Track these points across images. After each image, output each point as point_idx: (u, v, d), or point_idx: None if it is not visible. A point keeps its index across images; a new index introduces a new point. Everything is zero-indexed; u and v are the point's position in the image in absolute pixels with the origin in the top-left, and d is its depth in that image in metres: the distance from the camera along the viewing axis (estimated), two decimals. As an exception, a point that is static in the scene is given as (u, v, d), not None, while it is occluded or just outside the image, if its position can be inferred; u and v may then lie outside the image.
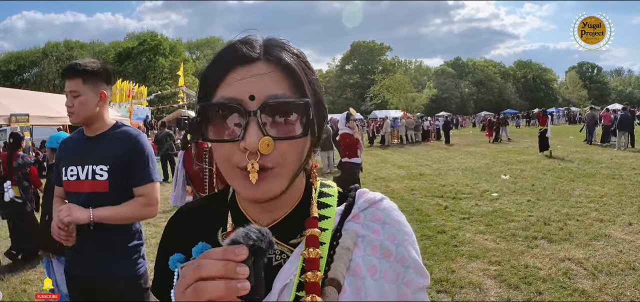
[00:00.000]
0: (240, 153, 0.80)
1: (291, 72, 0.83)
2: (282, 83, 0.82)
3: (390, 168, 17.67)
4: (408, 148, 27.88)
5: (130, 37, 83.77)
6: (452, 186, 12.28)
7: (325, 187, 1.02)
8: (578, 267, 5.70)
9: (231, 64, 0.83)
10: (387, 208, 0.97)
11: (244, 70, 0.81)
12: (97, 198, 2.55)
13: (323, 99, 0.92)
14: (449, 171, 15.60)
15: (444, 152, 23.47)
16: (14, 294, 6.00)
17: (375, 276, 0.88)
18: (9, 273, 6.84)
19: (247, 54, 0.82)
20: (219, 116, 0.81)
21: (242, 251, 0.67)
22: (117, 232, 2.63)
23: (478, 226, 7.91)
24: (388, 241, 0.92)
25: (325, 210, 0.95)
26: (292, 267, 0.88)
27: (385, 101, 78.94)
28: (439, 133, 34.19)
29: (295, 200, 0.96)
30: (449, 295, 5.11)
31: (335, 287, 0.85)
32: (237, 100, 0.79)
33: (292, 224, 0.93)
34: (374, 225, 0.93)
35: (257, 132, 0.77)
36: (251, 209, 0.95)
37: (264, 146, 0.77)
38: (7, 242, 8.72)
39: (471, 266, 5.92)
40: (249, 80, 0.80)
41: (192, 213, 1.07)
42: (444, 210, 9.41)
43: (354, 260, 0.88)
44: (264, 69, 0.82)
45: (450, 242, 7.01)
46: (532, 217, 8.26)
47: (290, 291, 0.85)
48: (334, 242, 0.90)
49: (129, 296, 2.64)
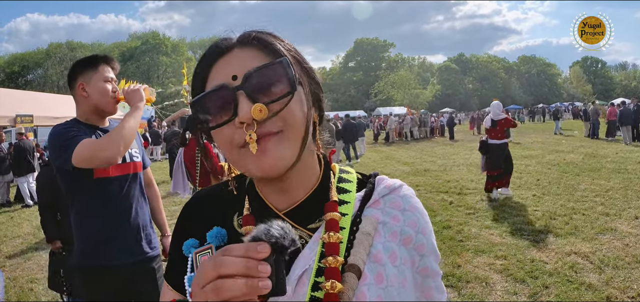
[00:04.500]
0: (240, 131, 0.81)
1: (266, 44, 0.86)
2: (260, 57, 0.85)
3: (394, 164, 17.67)
4: (412, 144, 27.84)
5: (133, 37, 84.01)
6: (457, 182, 12.27)
7: (345, 173, 1.02)
8: (584, 261, 5.68)
9: (213, 59, 0.87)
10: (407, 195, 0.97)
11: (224, 60, 0.86)
12: (139, 177, 2.77)
13: (312, 69, 0.94)
14: (453, 167, 15.59)
15: (448, 148, 23.44)
16: (20, 293, 6.03)
17: (396, 263, 0.88)
18: (16, 272, 6.87)
19: (223, 45, 0.88)
20: (212, 106, 0.83)
21: (264, 248, 0.66)
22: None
23: (484, 221, 7.90)
24: (408, 228, 0.92)
25: (345, 195, 0.94)
26: (311, 252, 0.87)
27: (390, 98, 78.83)
28: (443, 129, 34.12)
29: (312, 184, 0.95)
30: (455, 290, 5.10)
31: (355, 273, 0.83)
32: (222, 84, 0.82)
33: (310, 208, 0.92)
34: (394, 211, 0.93)
35: (247, 103, 0.79)
36: (269, 192, 0.95)
37: (257, 112, 0.78)
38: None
39: (477, 261, 5.91)
40: (229, 65, 0.85)
41: (208, 198, 1.06)
42: (450, 205, 9.41)
43: (375, 246, 0.88)
44: (241, 53, 0.86)
45: (456, 237, 7.00)
46: (537, 212, 8.25)
47: (309, 276, 0.84)
48: (353, 228, 0.89)
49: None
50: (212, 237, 0.92)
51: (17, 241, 8.88)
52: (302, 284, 0.84)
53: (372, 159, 20.51)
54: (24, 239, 9.00)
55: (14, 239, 9.04)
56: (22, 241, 8.86)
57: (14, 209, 12.75)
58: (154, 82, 59.40)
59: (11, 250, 8.14)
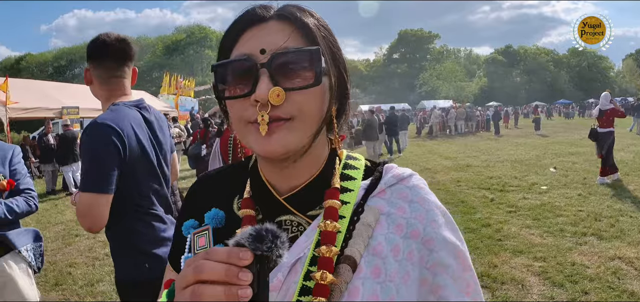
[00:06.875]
0: (252, 107, 0.79)
1: (304, 26, 0.83)
2: (295, 37, 0.82)
3: (436, 159, 17.40)
4: (456, 139, 27.42)
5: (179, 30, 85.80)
6: (500, 178, 12.00)
7: (352, 159, 0.97)
8: (628, 267, 5.42)
9: (245, 25, 0.84)
10: (416, 186, 0.91)
11: (257, 29, 0.83)
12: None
13: (343, 62, 0.91)
14: (497, 163, 15.23)
15: (492, 143, 22.97)
16: (59, 276, 6.28)
17: (398, 257, 0.82)
18: (56, 257, 7.15)
19: (259, 14, 0.84)
20: (232, 74, 0.82)
21: (246, 255, 0.63)
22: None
23: (524, 220, 7.68)
24: (416, 220, 0.85)
25: (349, 182, 0.91)
26: (307, 240, 0.84)
27: (435, 90, 77.82)
28: (488, 123, 33.38)
29: (316, 169, 0.92)
30: (489, 290, 4.98)
31: (351, 265, 0.79)
32: (248, 54, 0.80)
33: (311, 194, 0.89)
34: (401, 202, 0.87)
35: (267, 83, 0.77)
36: (271, 175, 0.92)
37: (274, 96, 0.76)
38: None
39: (515, 262, 5.75)
40: (261, 36, 0.81)
41: (211, 180, 1.06)
42: (490, 202, 9.20)
43: (375, 238, 0.83)
44: (277, 26, 0.83)
45: (494, 236, 6.84)
46: (582, 212, 7.94)
47: (303, 264, 0.81)
48: (354, 217, 0.85)
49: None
50: (210, 218, 0.91)
51: (59, 227, 9.25)
52: (295, 271, 0.81)
53: (414, 153, 20.28)
54: (66, 225, 9.34)
55: (57, 225, 9.41)
56: (64, 227, 9.20)
57: (59, 197, 13.28)
58: (197, 75, 60.48)
59: (53, 235, 8.48)
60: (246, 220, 0.89)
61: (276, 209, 0.90)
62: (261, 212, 0.91)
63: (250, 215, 0.90)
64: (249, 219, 0.89)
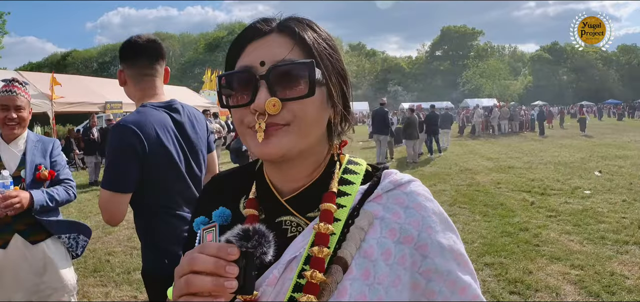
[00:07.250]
0: (251, 115, 0.86)
1: (301, 39, 0.89)
2: (293, 50, 0.88)
3: (477, 159, 17.11)
4: (499, 139, 26.90)
5: (220, 28, 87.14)
6: (542, 181, 11.71)
7: (353, 164, 1.01)
8: (672, 278, 5.23)
9: (250, 38, 0.91)
10: (413, 192, 0.93)
11: (258, 42, 0.90)
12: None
13: (344, 71, 0.96)
14: (539, 165, 14.87)
15: (536, 144, 22.45)
16: (98, 264, 6.52)
17: (389, 261, 0.86)
18: (96, 245, 7.39)
19: (261, 28, 0.91)
20: (235, 84, 0.90)
21: (233, 251, 0.72)
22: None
23: (564, 226, 7.49)
24: (409, 226, 0.88)
25: (347, 187, 0.95)
26: (304, 240, 0.89)
27: (478, 88, 76.32)
28: (533, 124, 32.49)
29: (317, 172, 0.97)
30: (522, 297, 4.89)
31: (342, 266, 0.84)
32: (249, 66, 0.87)
33: (311, 196, 0.95)
34: (396, 208, 0.91)
35: (265, 94, 0.84)
36: (274, 177, 0.99)
37: (271, 106, 0.83)
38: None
39: (551, 268, 5.63)
40: (261, 49, 0.88)
41: (223, 179, 1.14)
42: (530, 206, 9.01)
43: (367, 241, 0.87)
44: (277, 40, 0.89)
45: (531, 241, 6.70)
46: (625, 220, 7.67)
47: (298, 263, 0.86)
48: (349, 221, 0.90)
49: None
50: (217, 216, 0.99)
51: (99, 216, 9.39)
52: (290, 269, 0.87)
53: (455, 152, 19.97)
54: (106, 215, 9.61)
55: (98, 214, 9.63)
56: (104, 216, 9.47)
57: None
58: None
59: (94, 224, 8.69)
60: (250, 219, 0.95)
61: (278, 209, 0.97)
62: (264, 212, 0.98)
63: (253, 214, 0.97)
64: (252, 218, 0.96)
